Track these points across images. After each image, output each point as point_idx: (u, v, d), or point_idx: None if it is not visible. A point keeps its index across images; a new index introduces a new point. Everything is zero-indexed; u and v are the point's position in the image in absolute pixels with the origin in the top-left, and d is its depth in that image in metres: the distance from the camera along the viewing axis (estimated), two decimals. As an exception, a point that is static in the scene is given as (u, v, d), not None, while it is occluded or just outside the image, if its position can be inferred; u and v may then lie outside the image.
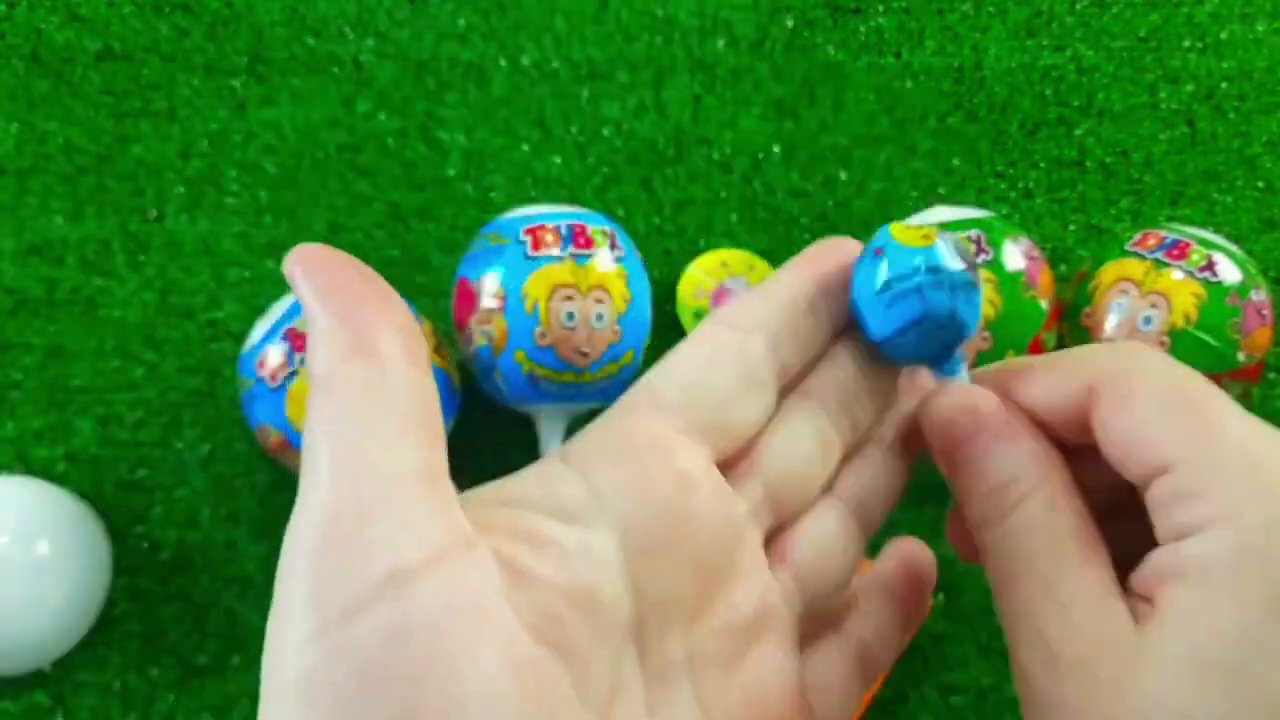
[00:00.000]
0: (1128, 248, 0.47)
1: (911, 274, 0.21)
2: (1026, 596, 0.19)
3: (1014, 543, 0.20)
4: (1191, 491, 0.18)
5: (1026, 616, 0.19)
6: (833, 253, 0.23)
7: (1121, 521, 0.21)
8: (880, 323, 0.21)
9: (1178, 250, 0.46)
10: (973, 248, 0.22)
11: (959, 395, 0.22)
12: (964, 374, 0.22)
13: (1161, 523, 0.18)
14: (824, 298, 0.22)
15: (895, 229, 0.22)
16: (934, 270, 0.21)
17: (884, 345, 0.22)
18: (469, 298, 0.46)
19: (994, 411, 0.21)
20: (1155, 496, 0.18)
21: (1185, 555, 0.17)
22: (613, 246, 0.47)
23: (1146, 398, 0.19)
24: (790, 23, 0.59)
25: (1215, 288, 0.45)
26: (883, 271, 0.21)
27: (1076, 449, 0.21)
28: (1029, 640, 0.19)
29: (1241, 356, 0.45)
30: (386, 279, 0.57)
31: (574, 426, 0.47)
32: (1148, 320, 0.45)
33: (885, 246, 0.21)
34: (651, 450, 0.20)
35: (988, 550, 0.20)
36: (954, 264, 0.21)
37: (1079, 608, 0.18)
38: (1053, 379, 0.21)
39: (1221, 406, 0.19)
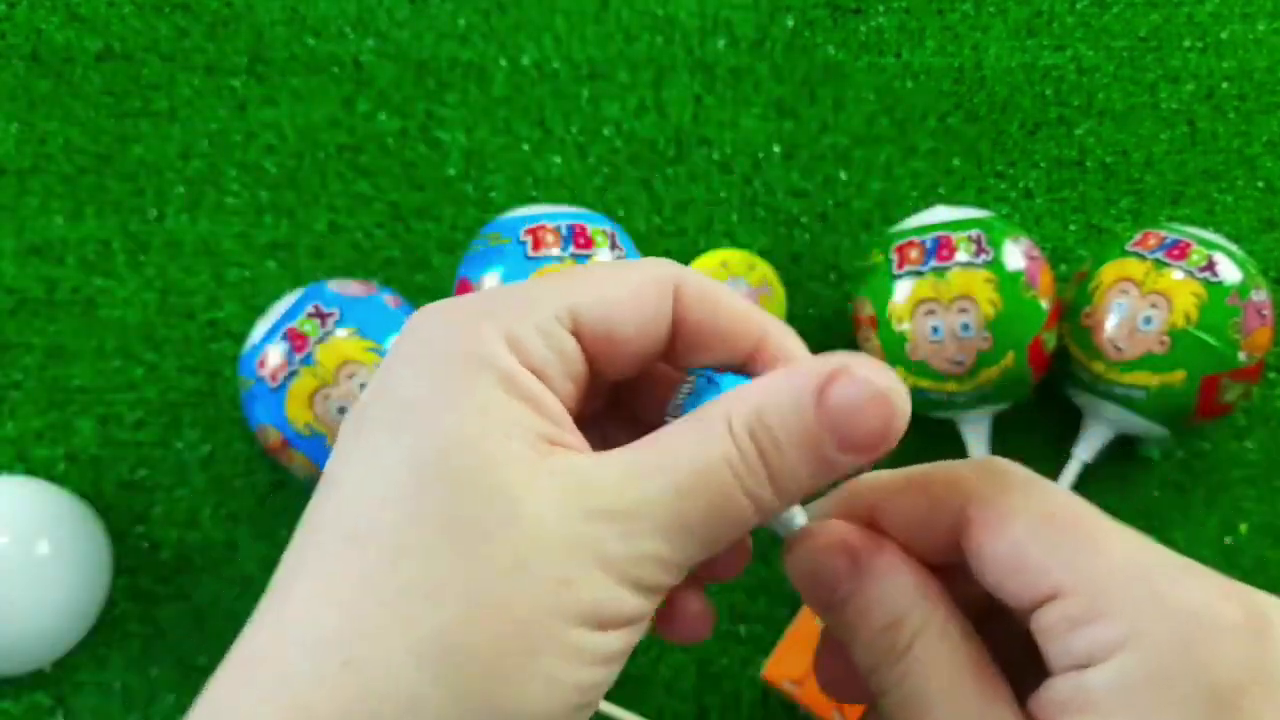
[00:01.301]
0: (1128, 248, 0.47)
1: None
2: None
3: (912, 684, 0.19)
4: (1086, 618, 0.17)
5: None
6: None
7: (988, 623, 0.20)
8: None
9: (1178, 250, 0.46)
10: None
11: (823, 535, 0.20)
12: (799, 516, 0.21)
13: (1055, 649, 0.18)
14: None
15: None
16: None
17: None
18: (469, 298, 0.46)
19: (868, 544, 0.20)
20: (1044, 624, 0.18)
21: (1092, 686, 0.17)
22: (613, 247, 0.47)
23: (1023, 521, 0.18)
24: (790, 23, 0.59)
25: (1216, 287, 0.45)
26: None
27: (937, 566, 0.20)
28: None
29: (1242, 356, 0.45)
30: (387, 279, 0.57)
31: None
32: (1148, 320, 0.45)
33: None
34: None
35: (883, 692, 0.20)
36: None
37: None
38: (919, 505, 0.20)
39: (1101, 524, 0.18)
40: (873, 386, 0.18)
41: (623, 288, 0.20)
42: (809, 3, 0.59)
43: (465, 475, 0.17)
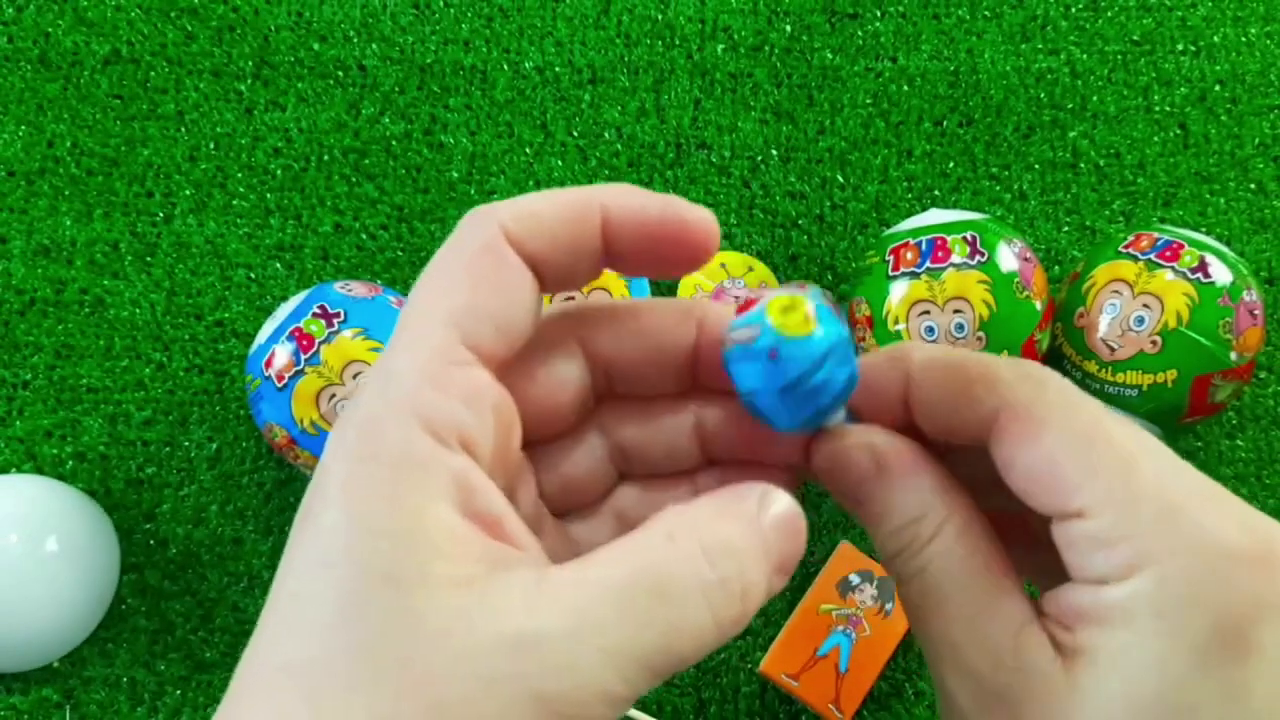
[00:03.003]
0: (1121, 249, 0.48)
1: (814, 369, 0.19)
2: (949, 629, 0.19)
3: (931, 577, 0.20)
4: (1109, 540, 0.18)
5: (950, 649, 0.19)
6: None
7: (1012, 525, 0.21)
8: (789, 416, 0.20)
9: (1170, 251, 0.47)
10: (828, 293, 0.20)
11: (852, 435, 0.21)
12: (843, 414, 0.21)
13: (1077, 562, 0.18)
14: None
15: (775, 316, 0.19)
16: (829, 353, 0.19)
17: (785, 429, 0.21)
18: (472, 298, 0.47)
19: (892, 447, 0.20)
20: (1069, 537, 0.18)
21: (1107, 601, 0.17)
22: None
23: (1057, 432, 0.18)
24: (788, 28, 0.60)
25: (1207, 288, 0.45)
26: (784, 372, 0.19)
27: (965, 457, 0.21)
28: (954, 671, 0.19)
29: (1233, 356, 0.45)
30: (391, 281, 0.57)
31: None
32: (1140, 320, 0.46)
33: (778, 347, 0.19)
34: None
35: (903, 582, 0.20)
36: (837, 329, 0.20)
37: (1002, 639, 0.19)
38: (953, 393, 0.20)
39: (1134, 444, 0.18)
40: (793, 507, 0.19)
41: (468, 273, 0.19)
42: (806, 8, 0.60)
43: (390, 615, 0.16)
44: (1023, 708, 0.18)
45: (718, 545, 0.17)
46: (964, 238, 0.46)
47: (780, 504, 0.19)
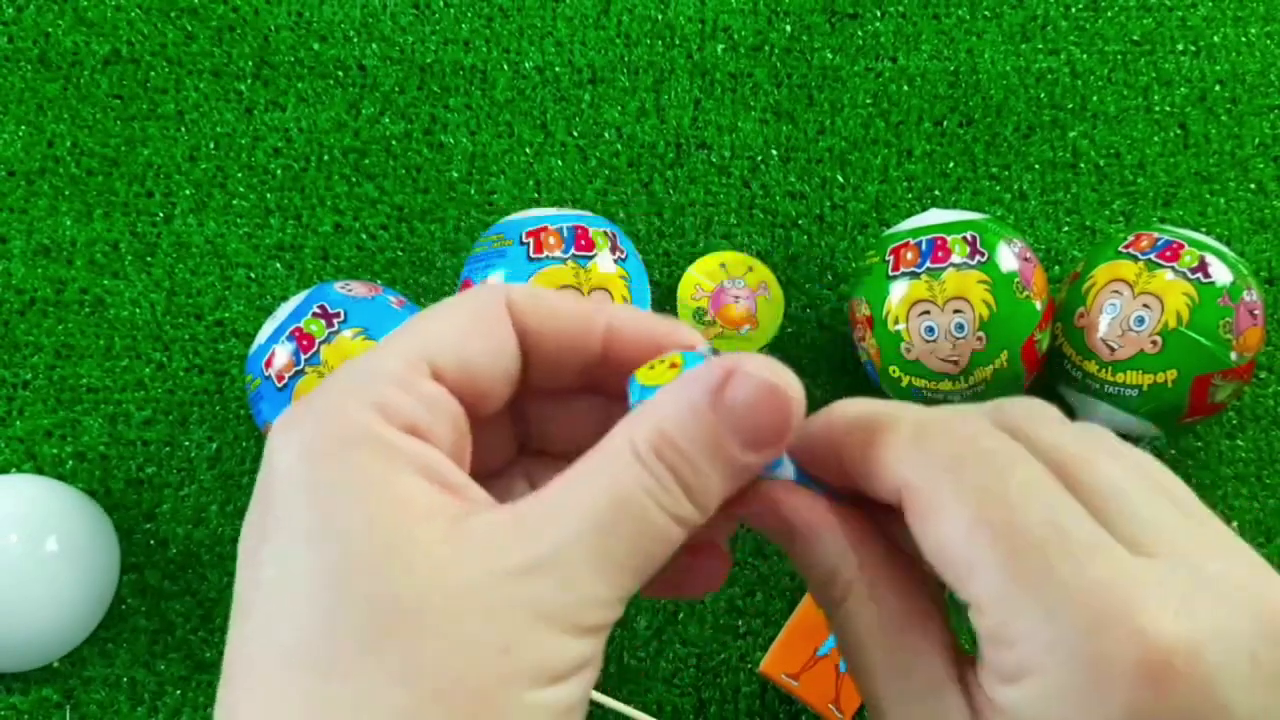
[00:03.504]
0: (1121, 249, 0.48)
1: None
2: (869, 683, 0.20)
3: (848, 633, 0.20)
4: (998, 637, 0.17)
5: (872, 702, 0.20)
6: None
7: None
8: None
9: (1170, 251, 0.47)
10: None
11: (763, 493, 0.21)
12: (787, 466, 0.21)
13: (980, 647, 0.18)
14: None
15: (641, 373, 0.20)
16: None
17: None
18: (472, 298, 0.47)
19: (798, 509, 0.21)
20: (973, 622, 0.18)
21: (1002, 698, 0.17)
22: (614, 249, 0.48)
23: (950, 521, 0.18)
24: (788, 28, 0.60)
25: (1207, 288, 0.45)
26: None
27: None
28: None
29: (1233, 356, 0.45)
30: (391, 281, 0.57)
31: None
32: (1140, 320, 0.46)
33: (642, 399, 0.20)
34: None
35: (834, 632, 0.21)
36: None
37: (914, 703, 0.19)
38: (863, 464, 0.20)
39: (1036, 530, 0.17)
40: (764, 381, 0.18)
41: (458, 318, 0.20)
42: (806, 8, 0.60)
43: (381, 575, 0.17)
44: None
45: (657, 443, 0.18)
46: (964, 238, 0.46)
47: (742, 386, 0.18)
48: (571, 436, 0.23)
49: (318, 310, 0.45)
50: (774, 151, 0.57)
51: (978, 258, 0.46)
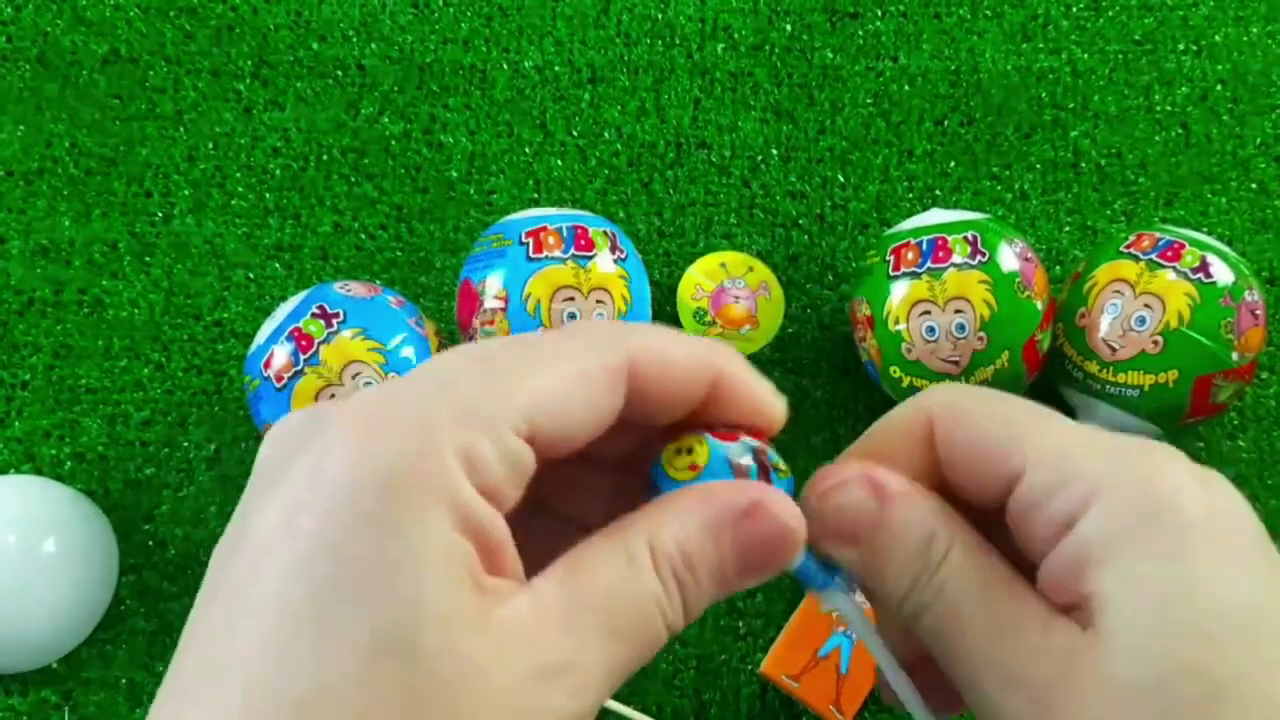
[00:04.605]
0: (1122, 249, 0.48)
1: None
2: (980, 645, 0.20)
3: (949, 598, 0.20)
4: (1058, 481, 0.19)
5: (987, 664, 0.19)
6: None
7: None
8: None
9: (1172, 251, 0.46)
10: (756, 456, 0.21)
11: (844, 471, 0.21)
12: (841, 583, 0.22)
13: (1039, 522, 0.19)
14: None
15: (667, 455, 0.21)
16: None
17: None
18: (472, 299, 0.47)
19: (888, 475, 0.21)
20: (1024, 501, 0.19)
21: (1086, 538, 0.18)
22: (613, 249, 0.48)
23: (978, 417, 0.21)
24: (789, 27, 0.60)
25: (1209, 288, 0.45)
26: None
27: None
28: (998, 685, 0.19)
29: (1235, 356, 0.45)
30: (390, 280, 0.57)
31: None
32: (1142, 321, 0.46)
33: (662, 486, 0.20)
34: None
35: (923, 611, 0.20)
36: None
37: (1032, 638, 0.19)
38: (898, 435, 0.22)
39: (1041, 409, 0.20)
40: (783, 524, 0.19)
41: (578, 381, 0.19)
42: (807, 7, 0.60)
43: (419, 649, 0.16)
44: (1072, 686, 0.18)
45: (675, 560, 0.19)
46: (965, 237, 0.46)
47: (764, 525, 0.19)
48: (574, 491, 0.23)
49: (317, 310, 0.45)
50: (774, 151, 0.57)
51: (979, 258, 0.45)
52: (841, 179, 0.57)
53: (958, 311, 0.45)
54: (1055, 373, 0.49)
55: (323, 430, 0.17)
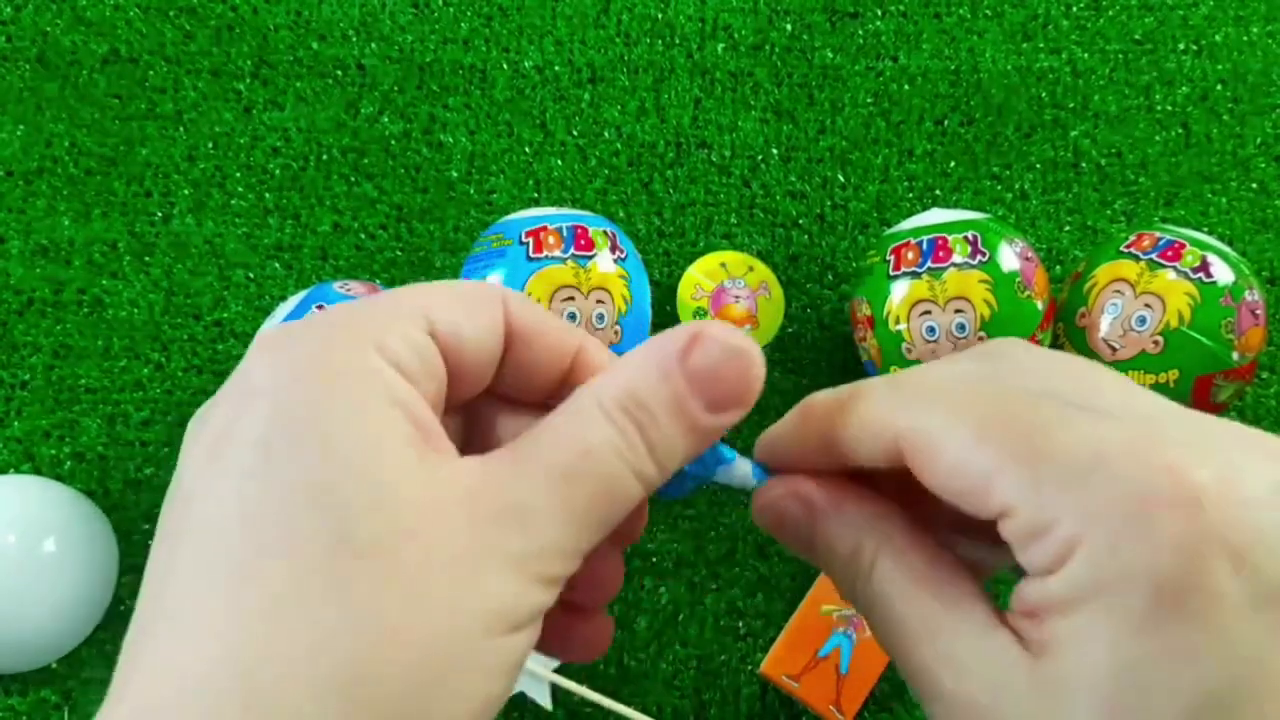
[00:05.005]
0: (1122, 249, 0.48)
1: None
2: (911, 653, 0.19)
3: (883, 605, 0.20)
4: (1036, 531, 0.17)
5: (918, 673, 0.19)
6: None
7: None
8: (663, 493, 0.22)
9: (1172, 251, 0.46)
10: None
11: (780, 486, 0.22)
12: (731, 454, 0.22)
13: (1022, 557, 0.18)
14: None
15: None
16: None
17: (668, 498, 0.22)
18: (472, 298, 0.47)
19: (815, 489, 0.21)
20: (1006, 535, 0.18)
21: (1055, 591, 0.17)
22: (613, 248, 0.48)
23: (954, 443, 0.18)
24: (789, 27, 0.60)
25: (1209, 288, 0.45)
26: None
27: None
28: (929, 695, 0.19)
29: (1235, 356, 0.45)
30: (390, 280, 0.57)
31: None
32: (1142, 320, 0.46)
33: None
34: None
35: (864, 614, 0.21)
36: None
37: (964, 653, 0.18)
38: (861, 438, 0.20)
39: (1037, 412, 0.18)
40: (729, 345, 0.19)
41: (458, 293, 0.20)
42: (807, 7, 0.60)
43: (360, 501, 0.16)
44: (999, 713, 0.18)
45: (625, 402, 0.19)
46: (965, 237, 0.46)
47: (707, 350, 0.19)
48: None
49: (317, 310, 0.45)
50: (774, 151, 0.57)
51: (979, 257, 0.45)
52: (841, 179, 0.57)
53: (958, 311, 0.45)
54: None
55: (241, 365, 0.19)
